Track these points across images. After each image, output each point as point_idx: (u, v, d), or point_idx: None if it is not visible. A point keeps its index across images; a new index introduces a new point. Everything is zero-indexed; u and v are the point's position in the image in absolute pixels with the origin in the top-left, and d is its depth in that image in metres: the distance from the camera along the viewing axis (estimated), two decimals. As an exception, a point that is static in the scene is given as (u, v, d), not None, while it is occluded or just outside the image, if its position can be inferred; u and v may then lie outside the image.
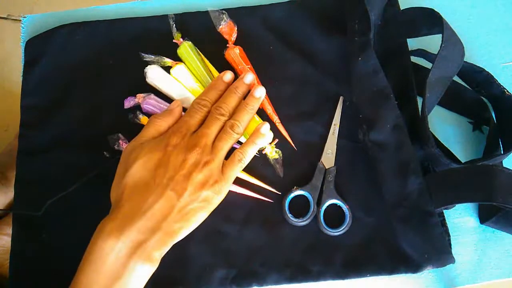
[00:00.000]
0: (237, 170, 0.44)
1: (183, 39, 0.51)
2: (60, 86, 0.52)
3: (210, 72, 0.51)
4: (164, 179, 0.41)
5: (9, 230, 0.49)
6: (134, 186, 0.41)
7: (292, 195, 0.47)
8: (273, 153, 0.48)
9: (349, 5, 0.50)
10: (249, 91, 0.48)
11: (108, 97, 0.52)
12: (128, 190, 0.41)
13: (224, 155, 0.44)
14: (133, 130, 0.47)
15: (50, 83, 0.52)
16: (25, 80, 0.53)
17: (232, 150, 0.45)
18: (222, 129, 0.45)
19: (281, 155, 0.48)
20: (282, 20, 0.53)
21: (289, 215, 0.46)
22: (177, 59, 0.51)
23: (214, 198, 0.42)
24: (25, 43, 0.55)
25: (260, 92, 0.47)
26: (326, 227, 0.45)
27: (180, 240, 0.41)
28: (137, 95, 0.49)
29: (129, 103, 0.49)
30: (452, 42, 0.46)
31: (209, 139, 0.44)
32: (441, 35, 0.44)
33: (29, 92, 0.52)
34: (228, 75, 0.48)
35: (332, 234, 0.45)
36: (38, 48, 0.54)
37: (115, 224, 0.39)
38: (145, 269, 0.39)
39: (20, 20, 0.57)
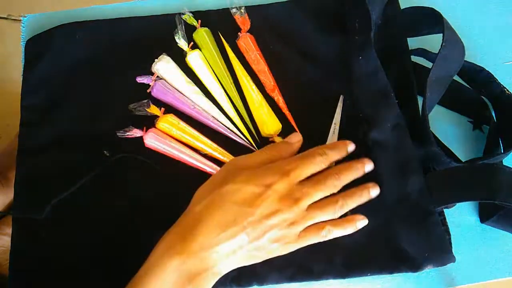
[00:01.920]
0: (313, 242, 0.42)
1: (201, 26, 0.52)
2: (60, 86, 0.52)
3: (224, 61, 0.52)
4: (246, 222, 0.39)
5: (9, 230, 0.49)
6: (216, 210, 0.39)
7: None
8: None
9: (350, 5, 0.50)
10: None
11: (108, 97, 0.52)
12: (210, 211, 0.39)
13: (312, 223, 0.42)
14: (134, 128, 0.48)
15: (50, 82, 0.52)
16: (25, 80, 0.53)
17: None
18: (329, 202, 0.42)
19: None
20: (282, 19, 0.53)
21: None
22: (177, 59, 0.51)
23: (275, 253, 0.41)
24: (25, 42, 0.55)
25: (376, 193, 0.44)
26: None
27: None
28: (154, 75, 0.50)
29: (142, 79, 0.50)
30: (453, 41, 0.46)
31: (311, 201, 0.41)
32: (441, 34, 0.44)
33: (29, 91, 0.52)
34: (351, 147, 0.45)
35: None
36: (38, 47, 0.54)
37: (185, 245, 0.38)
38: None
39: (20, 20, 0.57)
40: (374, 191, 0.44)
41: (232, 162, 0.43)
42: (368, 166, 0.45)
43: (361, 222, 0.43)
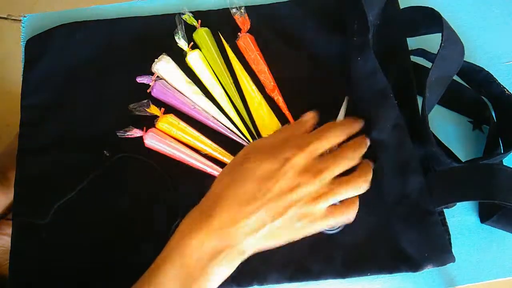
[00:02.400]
0: (343, 219, 0.41)
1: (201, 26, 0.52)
2: (60, 86, 0.52)
3: (223, 61, 0.52)
4: (266, 198, 0.38)
5: (9, 230, 0.49)
6: (236, 188, 0.38)
7: None
8: None
9: (348, 6, 0.50)
10: None
11: (108, 97, 0.52)
12: (230, 190, 0.39)
13: (338, 200, 0.40)
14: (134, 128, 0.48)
15: (50, 82, 0.52)
16: (25, 80, 0.53)
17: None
18: (358, 175, 0.41)
19: None
20: (283, 19, 0.53)
21: None
22: (177, 59, 0.51)
23: (300, 234, 0.40)
24: (25, 42, 0.55)
25: None
26: None
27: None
28: (154, 75, 0.50)
29: (142, 79, 0.50)
30: (452, 41, 0.46)
31: (334, 173, 0.40)
32: (440, 34, 0.44)
33: (29, 91, 0.52)
34: (362, 122, 0.45)
35: (327, 232, 0.45)
36: (38, 47, 0.54)
37: (206, 223, 0.37)
38: (222, 274, 0.38)
39: (20, 20, 0.57)
40: None
41: (250, 144, 0.42)
42: None
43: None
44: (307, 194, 0.38)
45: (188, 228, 0.38)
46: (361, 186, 0.41)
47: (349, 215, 0.41)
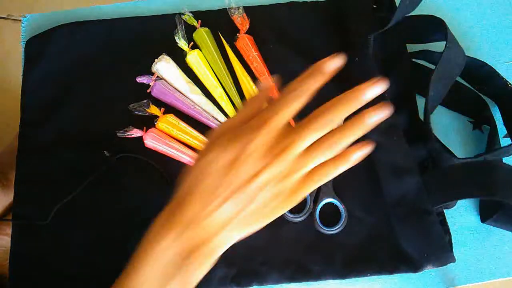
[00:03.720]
0: (316, 186, 0.37)
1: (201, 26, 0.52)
2: (60, 86, 0.52)
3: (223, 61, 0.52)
4: (229, 190, 0.36)
5: (9, 230, 0.49)
6: (202, 182, 0.36)
7: None
8: None
9: (349, 7, 0.50)
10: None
11: (108, 97, 0.52)
12: (194, 185, 0.37)
13: (309, 170, 0.37)
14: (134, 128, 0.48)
15: (50, 82, 0.52)
16: (25, 80, 0.53)
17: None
18: (325, 140, 0.36)
19: None
20: (283, 20, 0.53)
21: None
22: (177, 59, 0.51)
23: (275, 214, 0.37)
24: (25, 42, 0.55)
25: (378, 116, 0.37)
26: (320, 225, 0.45)
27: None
28: (154, 75, 0.50)
29: (142, 79, 0.50)
30: (455, 44, 0.46)
31: (302, 146, 0.36)
32: (441, 42, 0.45)
33: (29, 91, 0.52)
34: (335, 62, 0.38)
35: (326, 232, 0.45)
36: (38, 47, 0.54)
37: (175, 221, 0.36)
38: (198, 272, 0.36)
39: (20, 20, 0.57)
40: (379, 112, 0.37)
41: (214, 130, 0.39)
42: (371, 90, 0.37)
43: (365, 148, 0.37)
44: (274, 176, 0.36)
45: (156, 229, 0.37)
46: (332, 148, 0.36)
47: (321, 179, 0.37)
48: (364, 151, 0.37)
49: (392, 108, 0.44)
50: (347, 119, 0.37)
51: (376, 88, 0.37)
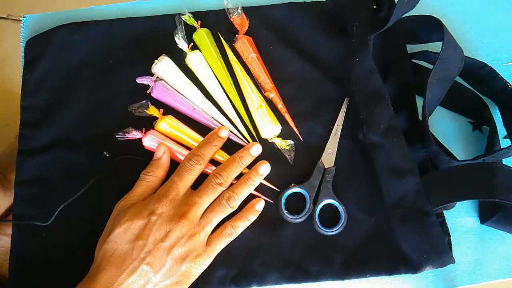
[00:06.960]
0: (224, 244, 0.43)
1: (201, 27, 0.52)
2: (60, 86, 0.52)
3: (223, 62, 0.52)
4: (142, 253, 0.39)
5: (9, 231, 0.49)
6: (111, 255, 0.40)
7: (289, 192, 0.47)
8: (283, 144, 0.48)
9: (349, 8, 0.50)
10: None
11: (108, 97, 0.52)
12: (106, 258, 0.40)
13: (212, 228, 0.43)
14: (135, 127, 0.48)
15: (50, 83, 0.52)
16: (25, 80, 0.53)
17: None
18: (217, 200, 0.43)
19: (292, 145, 0.48)
20: (282, 20, 0.53)
21: (285, 211, 0.46)
22: (177, 59, 0.51)
23: (194, 272, 0.41)
24: (25, 43, 0.55)
25: (265, 170, 0.45)
26: (320, 226, 0.45)
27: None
28: (154, 75, 0.50)
29: (142, 80, 0.50)
30: (452, 45, 0.46)
31: (200, 209, 0.42)
32: (439, 42, 0.45)
33: (29, 92, 0.52)
34: (224, 131, 0.46)
35: (325, 233, 0.45)
36: (38, 48, 0.54)
37: None
38: None
39: (20, 20, 0.57)
40: (262, 168, 0.45)
41: (116, 207, 0.44)
42: (254, 149, 0.46)
43: (259, 204, 0.44)
44: (180, 236, 0.40)
45: None
46: (227, 205, 0.43)
47: (227, 238, 0.43)
48: (261, 203, 0.45)
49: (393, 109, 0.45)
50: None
51: (254, 150, 0.45)
